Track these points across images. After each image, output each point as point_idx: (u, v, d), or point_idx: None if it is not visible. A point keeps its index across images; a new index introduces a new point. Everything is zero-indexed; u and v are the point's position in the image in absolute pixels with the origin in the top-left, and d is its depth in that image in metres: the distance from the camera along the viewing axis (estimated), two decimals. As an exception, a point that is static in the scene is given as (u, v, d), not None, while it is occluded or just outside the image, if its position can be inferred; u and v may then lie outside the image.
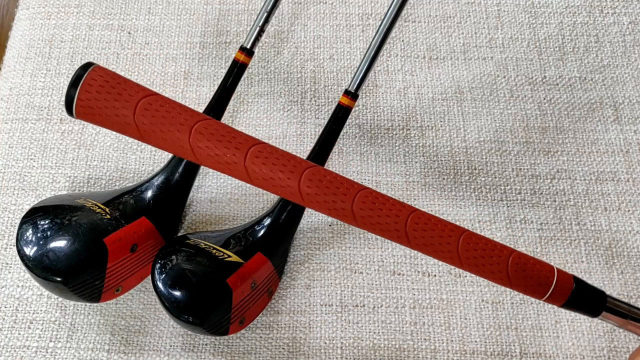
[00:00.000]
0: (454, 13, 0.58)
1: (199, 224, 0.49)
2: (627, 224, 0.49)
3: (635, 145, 0.52)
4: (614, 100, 0.54)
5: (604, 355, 0.44)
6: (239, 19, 0.58)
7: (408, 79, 0.55)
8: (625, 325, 0.38)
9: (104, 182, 0.51)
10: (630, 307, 0.38)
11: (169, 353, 0.44)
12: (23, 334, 0.45)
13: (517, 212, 0.49)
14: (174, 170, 0.46)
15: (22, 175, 0.51)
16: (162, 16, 0.58)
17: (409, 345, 0.45)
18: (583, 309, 0.37)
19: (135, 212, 0.43)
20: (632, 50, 0.56)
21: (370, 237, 0.48)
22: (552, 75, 0.55)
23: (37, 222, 0.40)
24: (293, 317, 0.46)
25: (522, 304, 0.46)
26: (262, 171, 0.35)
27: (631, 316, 0.37)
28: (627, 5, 0.58)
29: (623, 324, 0.38)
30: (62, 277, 0.38)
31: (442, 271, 0.47)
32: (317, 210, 0.36)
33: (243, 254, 0.42)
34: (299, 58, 0.56)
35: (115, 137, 0.52)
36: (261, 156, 0.35)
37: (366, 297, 0.46)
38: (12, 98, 0.54)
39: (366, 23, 0.58)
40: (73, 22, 0.58)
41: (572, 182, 0.50)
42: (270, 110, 0.54)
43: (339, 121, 0.46)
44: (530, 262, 0.36)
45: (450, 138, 0.52)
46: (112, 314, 0.46)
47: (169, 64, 0.56)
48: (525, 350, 0.45)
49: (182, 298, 0.38)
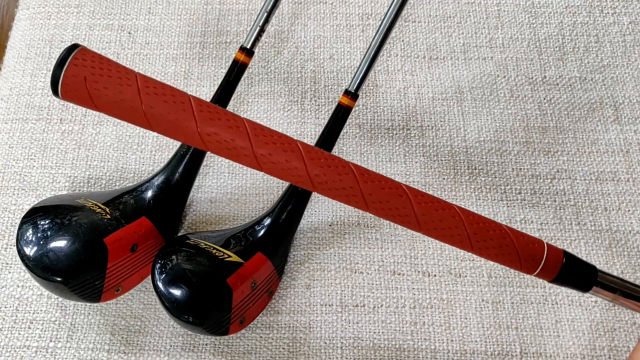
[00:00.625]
0: (454, 13, 0.58)
1: (199, 224, 0.49)
2: (627, 224, 0.49)
3: (635, 145, 0.52)
4: (614, 100, 0.54)
5: (604, 355, 0.44)
6: (239, 19, 0.58)
7: (408, 79, 0.55)
8: (617, 299, 0.38)
9: (104, 182, 0.51)
10: (621, 281, 0.37)
11: (169, 353, 0.44)
12: (23, 334, 0.45)
13: (517, 212, 0.49)
14: (174, 170, 0.46)
15: (22, 175, 0.51)
16: (162, 16, 0.58)
17: (409, 345, 0.45)
18: (574, 284, 0.37)
19: (135, 212, 0.43)
20: (632, 50, 0.56)
21: (371, 237, 0.48)
22: (552, 75, 0.55)
23: (37, 222, 0.40)
24: (293, 317, 0.46)
25: (523, 303, 0.46)
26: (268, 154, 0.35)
27: (621, 290, 0.37)
28: (627, 5, 0.58)
29: (614, 298, 0.37)
30: (62, 277, 0.38)
31: (442, 271, 0.47)
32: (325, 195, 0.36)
33: (243, 254, 0.42)
34: (299, 58, 0.56)
35: (116, 137, 0.52)
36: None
37: (366, 297, 0.46)
38: (12, 98, 0.54)
39: (366, 23, 0.58)
40: (73, 22, 0.58)
41: (572, 182, 0.50)
42: (270, 110, 0.54)
43: (339, 121, 0.46)
44: (521, 237, 0.36)
45: (450, 138, 0.52)
46: (112, 314, 0.46)
47: (169, 64, 0.56)
48: (526, 349, 0.45)
49: (182, 298, 0.38)
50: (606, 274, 0.37)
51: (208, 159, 0.52)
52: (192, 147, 0.46)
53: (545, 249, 0.36)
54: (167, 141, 0.52)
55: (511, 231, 0.36)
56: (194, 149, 0.46)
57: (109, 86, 0.33)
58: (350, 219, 0.49)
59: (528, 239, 0.36)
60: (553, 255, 0.36)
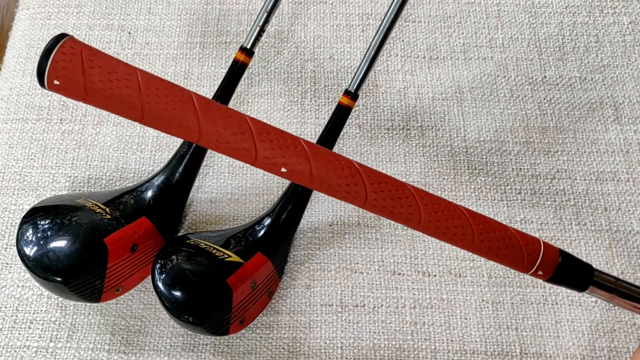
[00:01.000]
0: (454, 13, 0.58)
1: (199, 224, 0.49)
2: (627, 224, 0.49)
3: (635, 145, 0.52)
4: (614, 100, 0.54)
5: (604, 355, 0.44)
6: (239, 19, 0.58)
7: (408, 79, 0.55)
8: (613, 299, 0.37)
9: (104, 182, 0.51)
10: (618, 280, 0.37)
11: (169, 353, 0.44)
12: (23, 334, 0.45)
13: (517, 212, 0.49)
14: (174, 170, 0.46)
15: (22, 175, 0.51)
16: (162, 16, 0.58)
17: (409, 345, 0.45)
18: (570, 284, 0.36)
19: (135, 212, 0.43)
20: (632, 50, 0.56)
21: (371, 237, 0.48)
22: (552, 75, 0.55)
23: (38, 222, 0.40)
24: (293, 317, 0.46)
25: (523, 304, 0.46)
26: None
27: (618, 290, 0.36)
28: (627, 5, 0.58)
29: (611, 298, 0.37)
30: (62, 277, 0.38)
31: (442, 271, 0.47)
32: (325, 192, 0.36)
33: (243, 254, 0.42)
34: (299, 58, 0.56)
35: (116, 137, 0.52)
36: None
37: (366, 297, 0.46)
38: (12, 98, 0.54)
39: (366, 23, 0.58)
40: (73, 22, 0.58)
41: (572, 182, 0.50)
42: (270, 110, 0.54)
43: (339, 121, 0.46)
44: (517, 235, 0.35)
45: (450, 138, 0.52)
46: (112, 314, 0.46)
47: (169, 64, 0.56)
48: (526, 350, 0.45)
49: (182, 298, 0.38)
50: (603, 273, 0.37)
51: (208, 159, 0.52)
52: (193, 147, 0.46)
53: (542, 248, 0.36)
54: (167, 141, 0.52)
55: (509, 229, 0.36)
56: (194, 149, 0.46)
57: (98, 78, 0.33)
58: (350, 219, 0.49)
59: (525, 237, 0.36)
60: (549, 254, 0.36)
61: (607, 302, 0.43)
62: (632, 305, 0.38)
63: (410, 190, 0.35)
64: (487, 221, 0.36)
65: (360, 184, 0.35)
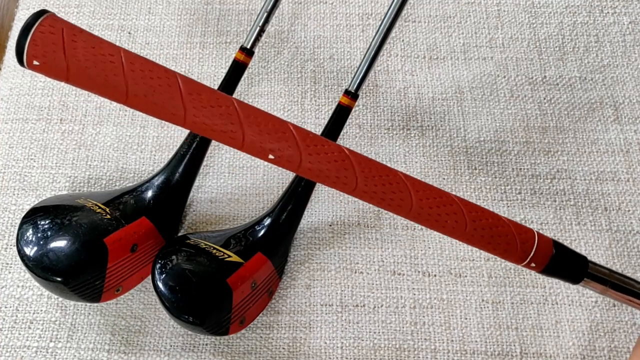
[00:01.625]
0: (454, 13, 0.58)
1: (199, 224, 0.49)
2: (627, 224, 0.49)
3: (635, 145, 0.52)
4: (614, 100, 0.54)
5: (604, 356, 0.44)
6: (239, 19, 0.58)
7: (408, 79, 0.55)
8: (606, 292, 0.37)
9: (104, 182, 0.51)
10: (612, 272, 0.36)
11: (169, 353, 0.44)
12: (23, 334, 0.45)
13: (517, 212, 0.49)
14: (174, 170, 0.46)
15: (22, 176, 0.51)
16: (162, 16, 0.58)
17: (409, 345, 0.45)
18: (564, 276, 0.36)
19: (135, 212, 0.43)
20: (632, 50, 0.56)
21: (371, 237, 0.48)
22: (552, 75, 0.55)
23: (38, 222, 0.40)
24: (293, 317, 0.46)
25: (523, 303, 0.46)
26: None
27: (611, 282, 0.36)
28: (627, 5, 0.58)
29: (604, 290, 0.37)
30: (62, 277, 0.38)
31: (442, 271, 0.47)
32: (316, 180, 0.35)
33: (243, 254, 0.42)
34: (299, 58, 0.56)
35: (116, 137, 0.52)
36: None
37: (366, 297, 0.46)
38: (12, 98, 0.54)
39: (366, 23, 0.58)
40: (73, 22, 0.57)
41: (572, 182, 0.50)
42: (270, 110, 0.54)
43: (339, 121, 0.46)
44: (510, 224, 0.35)
45: (450, 138, 0.52)
46: (112, 314, 0.46)
47: (169, 64, 0.56)
48: (526, 350, 0.45)
49: (182, 298, 0.38)
50: (597, 265, 0.36)
51: (208, 159, 0.52)
52: (193, 148, 0.46)
53: (536, 238, 0.35)
54: (167, 141, 0.52)
55: (502, 218, 0.35)
56: (194, 149, 0.46)
57: (80, 57, 0.31)
58: (350, 219, 0.49)
59: (518, 227, 0.35)
60: (543, 244, 0.35)
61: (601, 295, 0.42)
62: (625, 298, 0.37)
63: (401, 177, 0.35)
64: (480, 209, 0.35)
65: (350, 170, 0.34)
